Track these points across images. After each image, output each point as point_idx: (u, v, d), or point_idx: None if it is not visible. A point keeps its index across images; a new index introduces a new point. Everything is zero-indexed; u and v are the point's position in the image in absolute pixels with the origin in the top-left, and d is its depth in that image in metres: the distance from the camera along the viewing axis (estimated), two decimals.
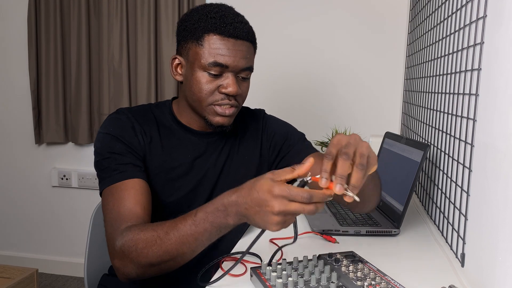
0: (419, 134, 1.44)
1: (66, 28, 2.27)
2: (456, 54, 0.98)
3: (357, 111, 2.05)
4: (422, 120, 1.39)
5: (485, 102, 0.77)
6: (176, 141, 1.03)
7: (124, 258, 0.80)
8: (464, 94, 0.90)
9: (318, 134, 1.95)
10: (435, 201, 1.11)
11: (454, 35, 1.01)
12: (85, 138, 2.31)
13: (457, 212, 0.89)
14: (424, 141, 1.33)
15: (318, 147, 1.76)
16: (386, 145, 1.35)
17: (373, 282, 0.72)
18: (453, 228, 0.92)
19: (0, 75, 2.43)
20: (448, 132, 1.02)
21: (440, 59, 1.16)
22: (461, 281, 0.80)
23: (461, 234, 0.86)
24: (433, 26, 1.29)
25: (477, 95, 0.81)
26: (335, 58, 2.04)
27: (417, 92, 1.53)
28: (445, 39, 1.11)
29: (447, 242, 0.96)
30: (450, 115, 1.01)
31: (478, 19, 0.82)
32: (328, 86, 2.07)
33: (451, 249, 0.92)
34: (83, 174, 2.38)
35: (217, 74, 0.95)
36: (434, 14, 1.28)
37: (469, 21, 0.88)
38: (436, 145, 1.14)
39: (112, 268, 1.11)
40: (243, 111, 1.16)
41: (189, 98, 0.99)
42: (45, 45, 2.28)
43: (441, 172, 1.06)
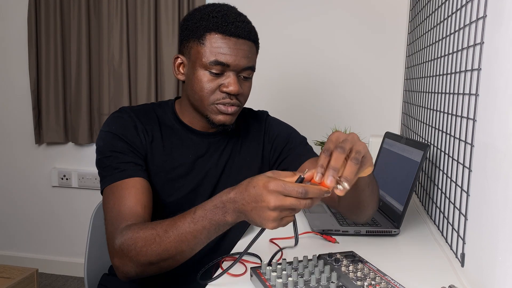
0: (419, 134, 1.44)
1: (66, 28, 2.27)
2: (456, 54, 0.98)
3: (357, 111, 2.05)
4: (422, 120, 1.39)
5: (485, 102, 0.77)
6: (178, 141, 1.03)
7: (124, 257, 0.80)
8: (464, 94, 0.90)
9: (318, 134, 1.95)
10: (435, 201, 1.11)
11: (454, 35, 1.01)
12: (85, 138, 2.31)
13: (457, 212, 0.89)
14: (424, 141, 1.33)
15: (318, 147, 1.76)
16: (386, 145, 1.35)
17: (373, 282, 0.72)
18: (453, 228, 0.92)
19: (0, 75, 2.43)
20: (448, 132, 1.02)
21: (440, 59, 1.16)
22: (461, 281, 0.80)
23: (461, 234, 0.86)
24: (433, 26, 1.29)
25: (477, 95, 0.81)
26: (335, 58, 2.04)
27: (417, 92, 1.53)
28: (445, 39, 1.11)
29: (447, 242, 0.96)
30: (450, 115, 1.01)
31: (478, 19, 0.82)
32: (328, 86, 2.07)
33: (451, 249, 0.92)
34: (83, 174, 2.39)
35: (219, 73, 0.94)
36: (434, 14, 1.28)
37: (469, 21, 0.88)
38: (436, 145, 1.14)
39: (112, 268, 1.11)
40: (246, 112, 1.15)
41: (191, 97, 0.99)
42: (45, 45, 2.28)
43: (441, 172, 1.06)
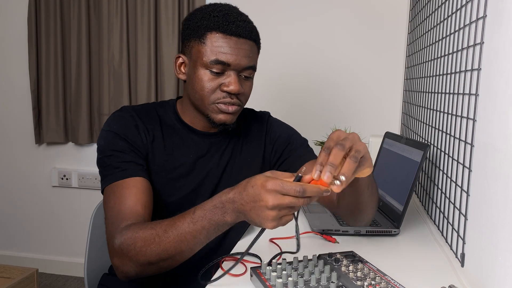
0: (419, 134, 1.44)
1: (66, 28, 2.27)
2: (456, 54, 0.98)
3: (357, 111, 2.05)
4: (422, 120, 1.39)
5: (485, 102, 0.77)
6: (179, 141, 1.03)
7: (123, 257, 0.80)
8: (464, 94, 0.90)
9: (318, 134, 1.94)
10: (435, 201, 1.11)
11: (454, 35, 1.01)
12: (85, 138, 2.31)
13: (457, 212, 0.89)
14: (424, 141, 1.33)
15: (318, 147, 1.76)
16: (386, 145, 1.35)
17: (373, 282, 0.72)
18: (453, 228, 0.92)
19: (0, 75, 2.43)
20: (448, 132, 1.02)
21: (440, 59, 1.16)
22: (461, 281, 0.80)
23: (461, 234, 0.86)
24: (433, 26, 1.29)
25: (477, 95, 0.81)
26: (335, 58, 2.04)
27: (417, 92, 1.53)
28: (445, 39, 1.11)
29: (447, 242, 0.96)
30: (450, 115, 1.01)
31: (478, 19, 0.82)
32: (328, 86, 2.07)
33: (451, 249, 0.92)
34: (83, 174, 2.38)
35: (219, 72, 0.94)
36: (434, 14, 1.28)
37: (469, 21, 0.88)
38: (436, 145, 1.14)
39: (112, 268, 1.11)
40: (248, 113, 1.15)
41: (192, 97, 0.99)
42: (45, 45, 2.28)
43: (441, 172, 1.06)
